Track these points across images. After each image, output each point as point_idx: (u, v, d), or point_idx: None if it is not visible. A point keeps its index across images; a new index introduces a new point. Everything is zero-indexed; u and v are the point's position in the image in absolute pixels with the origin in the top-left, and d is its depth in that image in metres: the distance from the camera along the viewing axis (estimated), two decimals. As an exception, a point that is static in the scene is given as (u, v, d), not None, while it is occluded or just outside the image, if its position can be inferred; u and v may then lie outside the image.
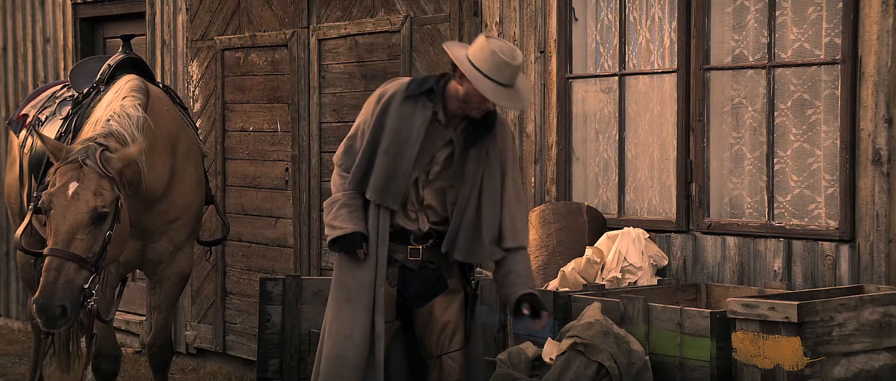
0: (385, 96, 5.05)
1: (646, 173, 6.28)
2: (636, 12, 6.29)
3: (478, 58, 4.87)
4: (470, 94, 4.90)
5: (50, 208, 5.34)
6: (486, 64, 4.85)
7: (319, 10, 7.77)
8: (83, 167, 5.41)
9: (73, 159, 5.42)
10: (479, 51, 4.88)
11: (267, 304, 6.49)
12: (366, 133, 5.06)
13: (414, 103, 4.99)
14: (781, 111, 5.76)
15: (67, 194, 5.34)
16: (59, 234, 5.29)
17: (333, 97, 7.72)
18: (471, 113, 4.97)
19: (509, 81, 4.87)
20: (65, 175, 5.38)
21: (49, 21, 10.07)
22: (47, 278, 5.22)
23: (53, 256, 5.27)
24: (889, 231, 5.33)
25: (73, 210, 5.32)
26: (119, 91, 6.23)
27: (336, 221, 5.05)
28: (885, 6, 5.31)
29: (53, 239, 5.30)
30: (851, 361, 4.82)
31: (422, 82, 5.05)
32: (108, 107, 6.14)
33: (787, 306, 4.67)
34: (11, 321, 10.49)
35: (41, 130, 6.76)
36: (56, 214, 5.32)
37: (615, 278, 5.84)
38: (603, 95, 6.46)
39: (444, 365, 5.13)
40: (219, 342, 8.47)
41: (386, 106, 5.02)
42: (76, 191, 5.35)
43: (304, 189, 7.90)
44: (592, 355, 4.90)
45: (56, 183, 5.37)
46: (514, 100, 4.95)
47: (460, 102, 4.96)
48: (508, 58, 4.84)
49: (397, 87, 5.06)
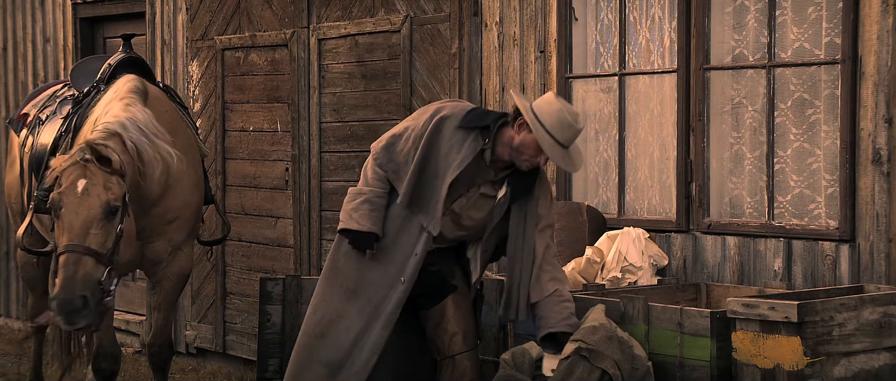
0: (441, 115, 5.04)
1: (646, 173, 6.28)
2: (636, 12, 6.29)
3: (543, 112, 4.92)
4: (526, 145, 4.95)
5: (61, 206, 5.36)
6: (550, 120, 4.91)
7: (319, 10, 7.77)
8: (87, 165, 5.43)
9: (74, 160, 5.43)
10: (546, 106, 4.94)
11: (267, 304, 6.49)
12: (413, 144, 5.04)
13: (465, 134, 5.01)
14: (781, 111, 5.76)
15: (77, 191, 5.36)
16: (73, 230, 5.31)
17: (333, 97, 7.72)
18: (519, 163, 5.01)
19: (568, 142, 4.95)
20: (71, 174, 5.40)
21: (49, 21, 10.07)
22: (66, 274, 5.23)
23: (70, 252, 5.27)
24: (889, 231, 5.33)
25: (85, 206, 5.35)
26: (117, 91, 6.23)
27: (356, 214, 5.05)
28: (885, 6, 5.31)
29: (67, 236, 5.31)
30: (851, 361, 4.82)
31: (480, 116, 5.05)
32: (106, 106, 6.14)
33: (787, 306, 4.67)
34: (11, 321, 10.49)
35: (41, 128, 6.77)
36: (68, 211, 5.34)
37: (615, 277, 5.84)
38: (603, 95, 6.46)
39: (458, 365, 5.16)
40: (219, 341, 8.47)
41: (439, 125, 5.01)
42: (86, 187, 5.37)
43: (304, 189, 7.90)
44: (597, 361, 4.90)
45: (62, 183, 5.39)
46: (567, 161, 5.00)
47: (511, 150, 4.99)
48: (572, 119, 4.93)
49: (455, 110, 5.06)
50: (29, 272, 7.37)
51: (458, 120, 5.02)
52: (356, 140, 7.56)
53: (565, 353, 4.98)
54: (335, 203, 7.71)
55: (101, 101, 6.33)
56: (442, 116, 5.04)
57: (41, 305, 7.48)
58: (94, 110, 6.31)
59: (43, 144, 6.60)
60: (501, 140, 5.01)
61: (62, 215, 5.35)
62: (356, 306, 5.10)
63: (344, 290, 5.13)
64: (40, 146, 6.63)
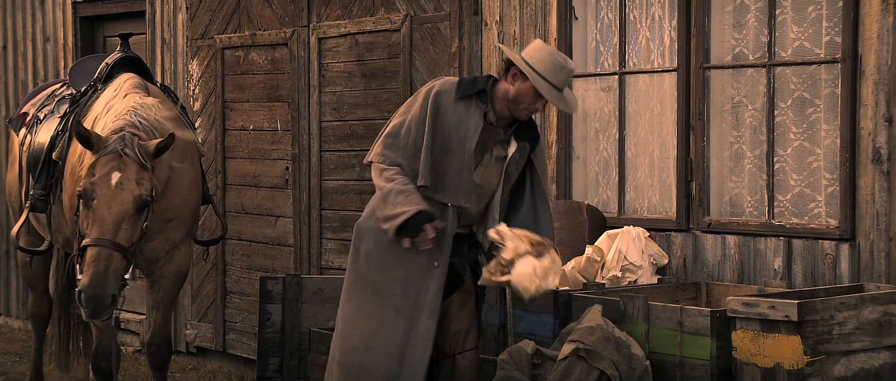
0: (435, 91, 5.05)
1: (646, 172, 6.28)
2: (636, 11, 6.29)
3: (534, 58, 4.98)
4: (522, 93, 5.00)
5: (93, 197, 5.37)
6: (543, 65, 4.97)
7: (319, 9, 7.77)
8: (123, 157, 5.45)
9: (112, 149, 5.43)
10: (536, 52, 5.00)
11: (267, 303, 6.49)
12: (417, 130, 5.03)
13: (466, 103, 5.04)
14: (781, 110, 5.75)
15: (111, 184, 5.38)
16: (106, 224, 5.33)
17: (333, 96, 7.72)
18: (519, 114, 5.05)
19: (562, 84, 5.00)
20: (106, 165, 5.42)
21: (49, 20, 10.07)
22: (97, 268, 5.27)
23: (101, 246, 5.30)
24: (889, 230, 5.33)
25: (118, 200, 5.37)
26: (119, 89, 6.24)
27: (396, 208, 4.97)
28: (885, 5, 5.31)
29: (98, 229, 5.33)
30: (851, 359, 4.82)
31: (472, 83, 5.09)
32: (107, 105, 6.15)
33: (787, 305, 4.67)
34: (12, 320, 10.49)
35: (39, 127, 6.77)
36: (100, 204, 5.35)
37: (615, 276, 5.84)
38: (603, 94, 6.46)
39: (458, 365, 5.15)
40: (219, 340, 8.47)
41: (437, 103, 5.03)
42: (119, 181, 5.40)
43: (304, 188, 7.90)
44: (594, 362, 4.90)
45: (96, 173, 5.40)
46: (564, 103, 5.07)
47: (509, 103, 5.04)
48: (564, 61, 4.99)
49: (446, 86, 5.07)
50: (28, 271, 7.37)
51: (454, 92, 5.04)
52: (356, 139, 7.56)
53: (563, 354, 4.98)
54: (335, 202, 7.71)
55: (101, 99, 6.33)
56: (437, 92, 5.05)
57: (40, 303, 7.48)
58: (94, 108, 6.31)
59: (40, 143, 6.60)
60: (498, 97, 5.05)
61: (94, 206, 5.36)
62: (393, 307, 5.06)
63: (375, 295, 5.07)
64: (38, 145, 6.63)
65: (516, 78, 5.00)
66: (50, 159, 6.45)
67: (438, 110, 5.02)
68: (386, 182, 5.02)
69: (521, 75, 4.98)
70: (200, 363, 8.63)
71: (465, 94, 5.04)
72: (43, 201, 6.46)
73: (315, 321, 6.50)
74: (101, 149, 5.47)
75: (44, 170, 6.48)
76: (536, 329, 5.52)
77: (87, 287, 5.26)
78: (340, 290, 6.57)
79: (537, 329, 5.52)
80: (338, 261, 7.67)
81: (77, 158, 6.17)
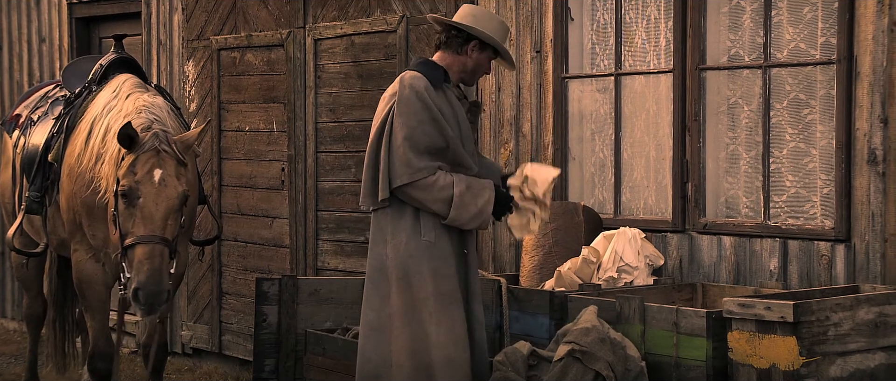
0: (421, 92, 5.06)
1: (642, 173, 6.28)
2: (632, 12, 6.30)
3: (487, 28, 5.14)
4: (481, 63, 5.20)
5: (138, 195, 5.44)
6: (498, 32, 5.18)
7: (315, 10, 7.77)
8: (161, 153, 5.52)
9: (151, 147, 5.50)
10: (485, 21, 5.15)
11: (263, 304, 6.49)
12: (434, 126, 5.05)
13: (441, 91, 5.15)
14: (777, 111, 5.76)
15: (154, 181, 5.46)
16: (155, 220, 5.42)
17: (329, 97, 7.71)
18: (471, 81, 5.26)
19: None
20: (146, 163, 5.48)
21: (44, 21, 10.06)
22: (153, 265, 5.34)
23: (153, 243, 5.38)
24: (884, 231, 5.34)
25: (164, 196, 5.45)
26: (118, 90, 6.23)
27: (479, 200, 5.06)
28: (881, 6, 5.32)
29: (147, 226, 5.41)
30: (847, 360, 4.82)
31: (432, 69, 5.17)
32: (107, 106, 6.14)
33: (782, 306, 4.68)
34: (7, 322, 10.48)
35: (33, 129, 6.76)
36: (146, 201, 5.43)
37: (611, 277, 5.84)
38: (599, 95, 6.47)
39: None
40: (215, 342, 8.47)
41: (424, 97, 5.07)
42: (162, 177, 5.47)
43: (300, 189, 7.89)
44: (590, 362, 4.90)
45: (137, 171, 5.46)
46: (511, 59, 5.34)
47: (465, 74, 5.21)
48: (502, 19, 5.23)
49: (421, 81, 5.10)
50: (23, 273, 7.36)
51: (426, 81, 5.10)
52: (352, 140, 7.56)
53: (559, 355, 4.98)
54: (331, 203, 7.71)
55: (98, 100, 6.32)
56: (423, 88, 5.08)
57: (35, 305, 7.47)
58: (91, 109, 6.30)
59: (35, 145, 6.60)
60: (452, 72, 5.21)
61: (140, 204, 5.43)
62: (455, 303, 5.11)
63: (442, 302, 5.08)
64: (32, 147, 6.63)
65: (474, 49, 5.15)
66: (45, 161, 6.44)
67: (433, 105, 5.09)
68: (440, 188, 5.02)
69: (479, 46, 5.14)
70: (196, 365, 8.63)
71: (436, 81, 5.13)
72: (38, 203, 6.46)
73: (311, 322, 6.50)
74: (138, 147, 5.53)
75: (39, 172, 6.47)
76: (532, 330, 5.53)
77: (145, 284, 5.33)
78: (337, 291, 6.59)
79: (533, 330, 5.52)
80: (334, 262, 7.67)
81: (75, 159, 6.16)
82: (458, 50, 5.15)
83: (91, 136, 6.08)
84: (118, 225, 5.51)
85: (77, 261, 6.25)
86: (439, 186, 5.03)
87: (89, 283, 6.22)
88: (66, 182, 6.21)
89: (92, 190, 5.98)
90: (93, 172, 5.98)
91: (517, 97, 6.71)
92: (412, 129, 5.03)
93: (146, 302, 5.35)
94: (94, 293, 6.23)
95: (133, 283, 5.37)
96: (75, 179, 6.13)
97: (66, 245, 6.53)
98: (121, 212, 5.49)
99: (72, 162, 6.19)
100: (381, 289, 5.14)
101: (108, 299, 6.33)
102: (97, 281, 6.22)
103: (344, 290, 6.62)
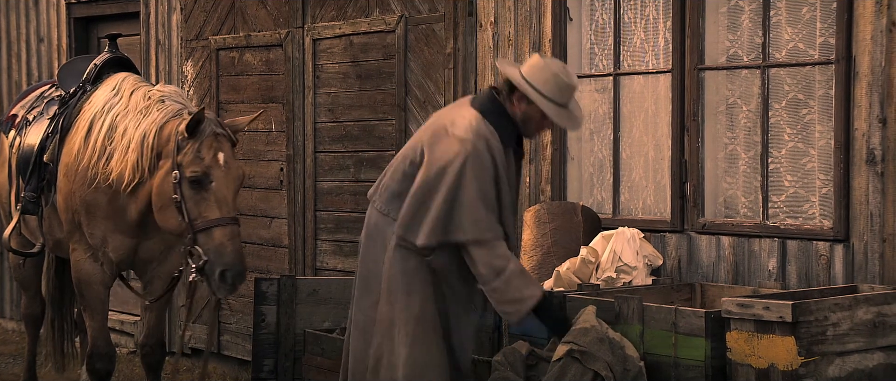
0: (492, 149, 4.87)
1: (640, 173, 6.29)
2: (631, 12, 6.30)
3: (538, 80, 4.89)
4: (530, 116, 4.94)
5: (210, 179, 5.56)
6: (548, 87, 4.89)
7: (314, 10, 7.77)
8: (219, 137, 5.65)
9: (210, 132, 5.62)
10: (539, 72, 4.90)
11: (261, 304, 6.49)
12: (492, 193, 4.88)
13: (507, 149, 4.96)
14: (776, 111, 5.76)
15: (221, 164, 5.59)
16: (228, 202, 5.58)
17: (328, 97, 7.71)
18: (526, 134, 5.04)
19: (568, 102, 4.94)
20: (210, 147, 5.61)
21: (43, 20, 10.06)
22: (236, 245, 5.53)
23: (233, 224, 5.57)
24: (883, 231, 5.34)
25: (231, 178, 5.63)
26: (119, 87, 6.23)
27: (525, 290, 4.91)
28: (879, 6, 5.32)
29: (222, 208, 5.56)
30: (845, 360, 4.82)
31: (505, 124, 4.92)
32: (107, 103, 6.14)
33: (781, 306, 4.68)
34: (6, 322, 10.48)
35: (28, 129, 6.76)
36: (218, 185, 5.57)
37: (610, 277, 5.84)
38: (598, 95, 6.47)
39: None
40: (213, 342, 8.46)
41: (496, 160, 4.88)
42: (226, 160, 5.62)
43: (299, 189, 7.89)
44: (589, 362, 4.90)
45: (204, 157, 5.58)
46: (571, 120, 5.01)
47: (520, 124, 4.99)
48: (568, 79, 4.91)
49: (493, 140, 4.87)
50: (20, 273, 7.36)
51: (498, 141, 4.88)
52: (351, 140, 7.56)
53: (557, 355, 4.98)
54: (330, 203, 7.71)
55: (96, 98, 6.30)
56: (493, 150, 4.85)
57: (33, 304, 7.46)
58: (88, 108, 6.29)
59: (30, 145, 6.59)
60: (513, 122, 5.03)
61: (212, 188, 5.57)
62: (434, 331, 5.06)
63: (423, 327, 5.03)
64: (27, 147, 6.62)
65: (522, 101, 4.93)
66: (40, 162, 6.44)
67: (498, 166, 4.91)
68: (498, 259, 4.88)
69: (526, 98, 4.92)
70: (195, 365, 8.62)
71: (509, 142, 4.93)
72: (34, 203, 6.45)
73: (310, 322, 6.50)
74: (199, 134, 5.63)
75: (34, 172, 6.47)
76: (531, 331, 5.52)
77: (232, 265, 5.49)
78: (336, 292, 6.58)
79: (532, 331, 5.52)
80: (332, 262, 7.67)
81: (73, 158, 6.16)
82: (508, 98, 4.95)
83: (91, 134, 6.08)
84: (185, 211, 5.56)
85: (75, 261, 6.24)
86: (499, 253, 4.88)
87: (88, 283, 6.22)
88: (64, 181, 6.21)
89: (94, 187, 5.98)
90: (96, 169, 5.98)
91: (516, 97, 6.71)
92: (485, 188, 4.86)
93: (233, 282, 5.52)
94: (92, 293, 6.23)
95: (217, 266, 5.52)
96: (73, 177, 6.13)
97: (62, 245, 6.52)
98: (189, 197, 5.57)
99: (69, 161, 6.18)
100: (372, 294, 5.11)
101: (106, 299, 6.33)
102: (96, 281, 6.21)
103: (343, 290, 6.62)
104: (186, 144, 5.61)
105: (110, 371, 6.36)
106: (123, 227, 6.09)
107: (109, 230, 6.09)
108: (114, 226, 6.09)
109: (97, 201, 6.04)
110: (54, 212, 6.43)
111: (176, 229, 5.69)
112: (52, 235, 6.52)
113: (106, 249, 6.14)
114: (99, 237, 6.11)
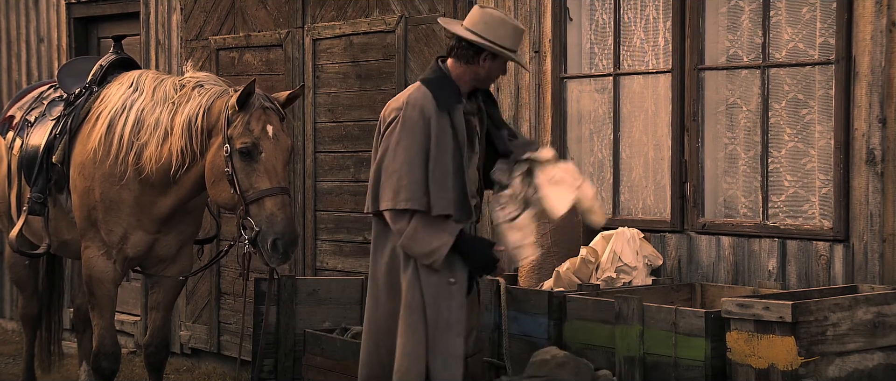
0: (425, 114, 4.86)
1: (640, 173, 6.29)
2: (631, 12, 6.30)
3: (499, 35, 4.94)
4: (493, 70, 5.00)
5: (260, 151, 5.62)
6: (509, 39, 4.97)
7: (314, 10, 7.77)
8: (267, 110, 5.69)
9: (259, 105, 5.67)
10: (497, 27, 4.93)
11: (261, 304, 6.49)
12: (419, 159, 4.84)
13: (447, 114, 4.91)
14: (776, 111, 5.76)
15: (270, 136, 5.65)
16: (279, 173, 5.63)
17: (328, 97, 7.72)
18: (483, 86, 5.08)
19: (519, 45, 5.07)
20: (259, 120, 5.66)
21: (43, 21, 10.06)
22: (287, 213, 5.57)
23: (284, 193, 5.61)
24: (883, 231, 5.34)
25: (281, 149, 5.67)
26: (137, 82, 6.23)
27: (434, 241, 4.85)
28: (879, 6, 5.32)
29: (272, 179, 5.60)
30: (845, 360, 4.83)
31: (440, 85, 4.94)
32: (127, 100, 6.15)
33: (781, 306, 4.68)
34: (5, 322, 10.48)
35: (31, 130, 6.75)
36: (268, 156, 5.63)
37: (610, 278, 5.84)
38: (597, 95, 6.47)
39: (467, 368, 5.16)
40: (213, 342, 8.47)
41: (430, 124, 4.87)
42: (274, 132, 5.67)
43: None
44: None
45: (253, 129, 5.64)
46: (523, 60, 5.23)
47: (477, 81, 5.02)
48: (516, 24, 5.00)
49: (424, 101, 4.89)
50: (18, 273, 7.36)
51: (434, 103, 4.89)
52: (351, 140, 7.56)
53: None
54: (330, 203, 7.71)
55: (109, 97, 6.28)
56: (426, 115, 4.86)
57: (30, 304, 7.46)
58: (101, 107, 6.26)
59: (34, 147, 6.58)
60: (461, 80, 4.99)
61: (262, 159, 5.62)
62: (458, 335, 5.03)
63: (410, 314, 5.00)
64: (32, 148, 6.61)
65: (487, 60, 4.96)
66: (48, 162, 6.44)
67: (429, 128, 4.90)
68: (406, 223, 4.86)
69: (490, 56, 4.95)
70: (195, 365, 8.63)
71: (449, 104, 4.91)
72: (41, 204, 6.45)
73: (309, 323, 6.50)
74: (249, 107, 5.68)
75: (40, 173, 6.47)
76: (531, 331, 5.53)
77: (283, 233, 5.50)
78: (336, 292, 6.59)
79: (532, 331, 5.53)
80: (332, 262, 7.67)
81: (89, 156, 6.16)
82: (470, 60, 4.96)
83: (113, 130, 6.09)
84: (236, 183, 5.61)
85: (88, 258, 6.25)
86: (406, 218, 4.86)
87: (100, 280, 6.22)
88: (79, 179, 6.22)
89: (121, 183, 6.01)
90: (125, 165, 6.01)
91: (516, 97, 6.71)
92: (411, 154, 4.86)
93: (285, 250, 5.53)
94: (103, 291, 6.23)
95: (270, 235, 5.53)
96: (91, 174, 6.14)
97: (69, 246, 6.53)
98: (239, 169, 5.62)
99: (84, 160, 6.19)
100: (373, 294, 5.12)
101: (115, 298, 6.33)
102: (107, 279, 6.22)
103: (342, 290, 6.63)
104: (236, 117, 5.68)
105: (115, 371, 6.36)
106: (147, 222, 6.12)
107: (132, 226, 6.12)
108: (137, 222, 6.11)
109: (122, 196, 6.06)
110: (61, 213, 6.43)
111: (228, 202, 5.73)
112: (59, 235, 6.52)
113: (124, 245, 6.15)
114: (118, 234, 6.12)
